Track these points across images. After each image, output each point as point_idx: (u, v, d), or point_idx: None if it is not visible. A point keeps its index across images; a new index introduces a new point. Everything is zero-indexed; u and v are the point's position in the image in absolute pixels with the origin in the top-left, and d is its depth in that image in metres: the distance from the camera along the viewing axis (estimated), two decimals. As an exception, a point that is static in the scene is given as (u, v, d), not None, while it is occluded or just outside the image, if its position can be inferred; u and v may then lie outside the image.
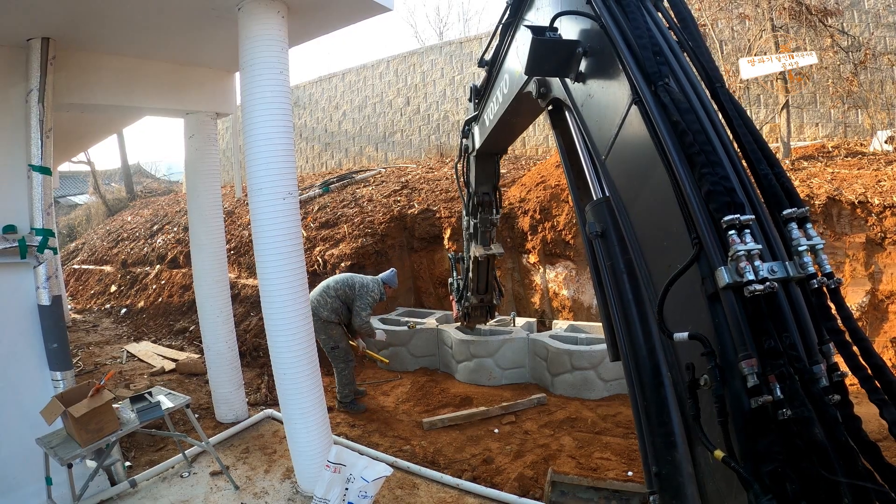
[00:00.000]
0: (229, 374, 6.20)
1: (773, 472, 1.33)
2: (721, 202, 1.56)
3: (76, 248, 18.33)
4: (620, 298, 2.31)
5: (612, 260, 2.34)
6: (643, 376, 2.18)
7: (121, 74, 5.35)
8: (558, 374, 7.00)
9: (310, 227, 10.85)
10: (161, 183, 27.23)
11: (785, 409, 1.36)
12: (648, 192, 1.91)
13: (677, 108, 1.76)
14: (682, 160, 1.68)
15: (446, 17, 65.44)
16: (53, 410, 4.02)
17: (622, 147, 2.05)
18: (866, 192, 7.27)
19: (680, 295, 1.68)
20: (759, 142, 1.82)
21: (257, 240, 4.32)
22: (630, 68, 1.91)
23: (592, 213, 2.46)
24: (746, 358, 1.42)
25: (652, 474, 2.14)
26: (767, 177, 1.73)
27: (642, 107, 1.85)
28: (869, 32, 10.58)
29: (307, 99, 19.14)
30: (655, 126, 1.78)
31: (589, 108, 2.31)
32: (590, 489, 4.57)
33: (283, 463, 5.21)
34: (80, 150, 14.09)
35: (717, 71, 2.01)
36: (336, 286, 6.72)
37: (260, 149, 4.13)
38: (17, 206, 4.37)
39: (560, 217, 9.14)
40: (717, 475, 1.60)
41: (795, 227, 1.59)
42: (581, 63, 2.30)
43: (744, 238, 1.49)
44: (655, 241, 1.93)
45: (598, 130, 2.23)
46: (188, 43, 5.19)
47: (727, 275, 1.48)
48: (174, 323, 10.38)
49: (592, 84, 2.27)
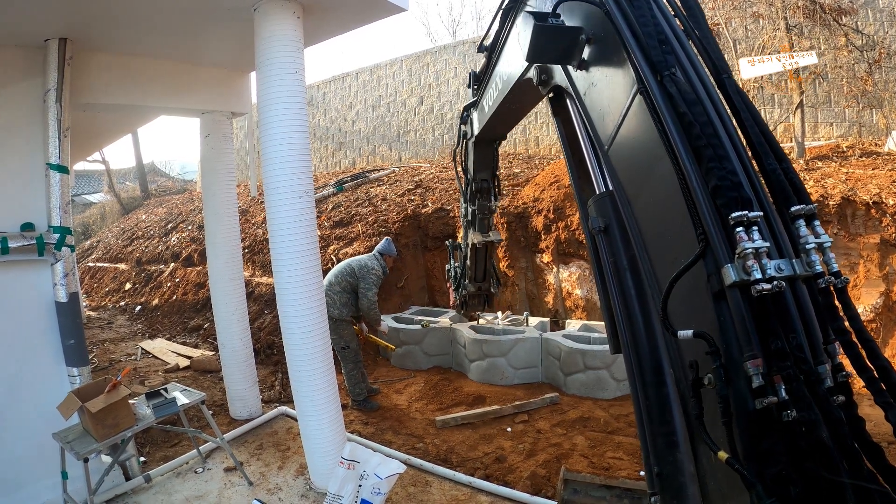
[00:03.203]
0: (244, 372, 6.25)
1: (776, 474, 1.32)
2: (729, 197, 1.53)
3: (91, 246, 18.50)
4: (623, 295, 2.26)
5: (615, 256, 2.28)
6: (645, 375, 2.15)
7: (137, 74, 5.40)
8: (571, 373, 6.99)
9: (324, 226, 10.89)
10: (175, 182, 27.46)
11: (790, 411, 1.34)
12: (652, 184, 1.88)
13: (684, 98, 1.71)
14: (689, 153, 1.65)
15: (459, 17, 65.09)
16: (70, 405, 4.07)
17: (625, 138, 2.00)
18: (881, 193, 7.19)
19: (684, 291, 1.65)
20: (767, 135, 1.77)
21: (273, 238, 4.36)
22: (635, 57, 1.86)
23: (595, 208, 2.39)
24: (752, 358, 1.40)
25: (653, 474, 2.11)
26: (775, 171, 1.69)
27: (647, 97, 1.79)
28: (884, 31, 10.47)
29: (321, 98, 19.21)
30: (661, 117, 1.73)
31: (591, 96, 2.25)
32: (602, 487, 4.56)
33: (297, 459, 5.24)
34: (95, 150, 14.21)
35: (724, 61, 1.94)
36: (337, 279, 6.67)
37: (276, 148, 4.17)
38: (36, 205, 4.44)
39: (574, 217, 9.11)
40: (720, 474, 1.58)
41: (803, 224, 1.56)
42: (584, 51, 2.24)
43: (751, 235, 1.46)
44: (659, 236, 1.89)
45: (600, 120, 2.18)
46: (203, 43, 5.23)
47: (734, 273, 1.46)
48: (188, 320, 10.45)
49: (595, 72, 2.20)
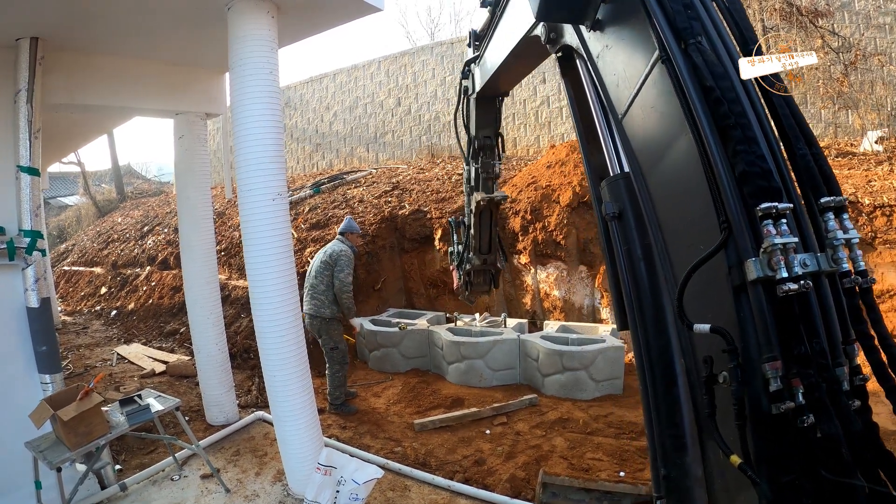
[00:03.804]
0: (219, 377, 6.18)
1: (789, 483, 1.27)
2: (757, 186, 1.42)
3: (66, 249, 18.16)
4: (636, 287, 2.11)
5: (629, 244, 2.12)
6: (655, 374, 2.05)
7: (110, 74, 5.32)
8: (549, 374, 7.01)
9: (300, 228, 10.82)
10: (151, 184, 27.06)
11: (806, 417, 1.29)
12: (671, 161, 1.74)
13: (711, 71, 1.54)
14: (714, 133, 1.50)
15: (438, 18, 65.44)
16: (42, 414, 3.98)
17: (642, 108, 1.84)
18: (857, 192, 7.31)
19: (700, 281, 1.53)
20: (797, 116, 1.63)
21: (247, 241, 4.31)
22: (657, 21, 1.66)
23: (609, 191, 2.20)
24: (771, 360, 1.33)
25: (660, 477, 2.04)
26: (805, 157, 1.57)
27: (671, 66, 1.61)
28: (859, 33, 10.69)
29: (298, 100, 19.09)
30: (685, 90, 1.57)
31: (605, 60, 2.07)
32: (581, 490, 4.57)
33: (274, 465, 5.19)
34: (70, 151, 14.00)
35: (753, 31, 1.76)
36: (319, 278, 6.62)
37: (250, 149, 4.12)
38: (6, 208, 4.33)
39: (551, 218, 9.15)
40: (728, 473, 1.53)
41: (832, 217, 1.46)
42: (599, 10, 2.04)
43: (780, 229, 1.35)
44: (676, 216, 1.78)
45: (614, 86, 2.02)
46: (178, 43, 5.17)
47: (758, 268, 1.36)
48: (164, 325, 10.31)
49: (611, 34, 2.01)
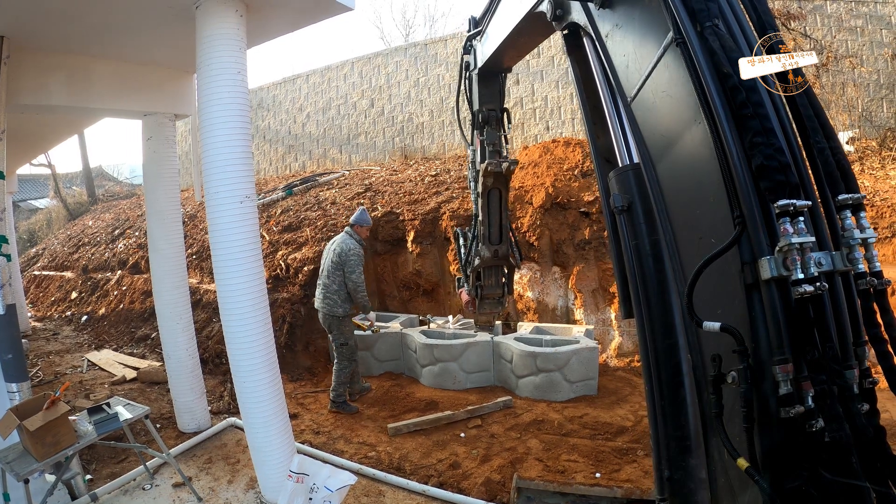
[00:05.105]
0: (190, 383, 6.06)
1: (796, 489, 1.26)
2: (775, 182, 1.37)
3: (37, 253, 17.83)
4: (645, 284, 2.04)
5: (637, 239, 2.04)
6: (662, 374, 2.01)
7: (77, 74, 5.23)
8: (523, 376, 7.00)
9: (273, 231, 10.72)
10: (123, 186, 26.66)
11: (815, 421, 1.27)
12: (681, 149, 1.68)
13: (728, 57, 1.48)
14: (730, 122, 1.45)
15: (412, 20, 65.26)
16: (8, 424, 3.89)
17: (653, 92, 1.78)
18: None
19: (710, 276, 1.49)
20: (816, 107, 1.56)
21: (214, 244, 4.23)
22: (672, 0, 1.61)
23: (617, 183, 2.12)
24: (782, 363, 1.30)
25: (664, 479, 2.02)
26: (823, 152, 1.50)
27: (685, 49, 1.56)
28: (831, 36, 10.92)
29: (271, 101, 18.86)
30: (700, 76, 1.51)
31: (615, 39, 1.99)
32: (556, 494, 4.55)
33: (247, 473, 5.10)
34: (40, 152, 13.77)
35: (772, 17, 1.68)
36: (331, 278, 6.65)
37: (217, 151, 4.05)
38: (-32, 211, 4.23)
39: (524, 219, 9.17)
40: (731, 472, 1.52)
41: (849, 215, 1.41)
42: None
43: (797, 227, 1.31)
44: (685, 209, 1.72)
45: (623, 67, 1.95)
46: (146, 42, 5.08)
47: (773, 267, 1.33)
48: (136, 330, 10.13)
49: (621, 13, 1.93)
